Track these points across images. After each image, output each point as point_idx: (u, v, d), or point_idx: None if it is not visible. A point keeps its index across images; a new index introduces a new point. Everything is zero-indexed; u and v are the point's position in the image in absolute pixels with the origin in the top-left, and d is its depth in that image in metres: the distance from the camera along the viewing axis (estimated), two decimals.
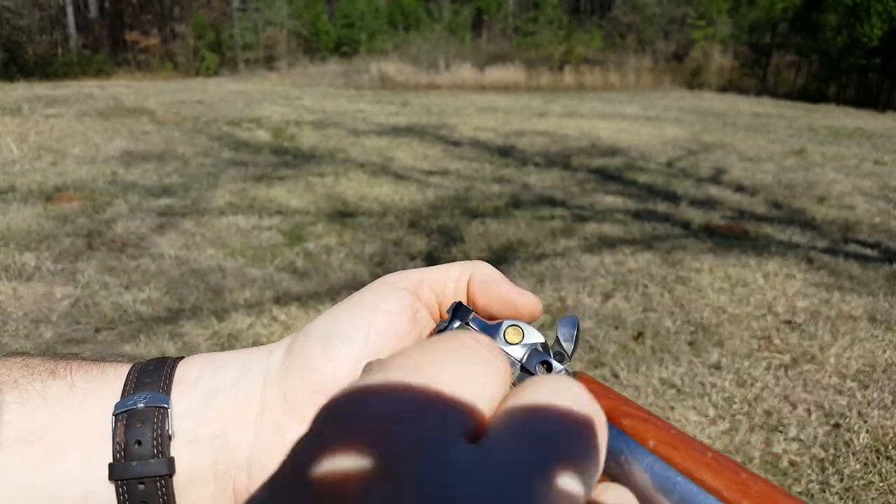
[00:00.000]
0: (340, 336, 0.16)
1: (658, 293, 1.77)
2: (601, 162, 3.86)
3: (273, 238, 2.18)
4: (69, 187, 2.72)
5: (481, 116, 6.08)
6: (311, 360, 0.16)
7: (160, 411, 0.15)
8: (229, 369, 0.16)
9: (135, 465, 0.15)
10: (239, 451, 0.15)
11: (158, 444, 0.15)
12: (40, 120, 4.47)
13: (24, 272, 1.78)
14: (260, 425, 0.15)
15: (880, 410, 1.24)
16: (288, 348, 0.16)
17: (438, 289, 0.17)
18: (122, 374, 0.16)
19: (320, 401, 0.15)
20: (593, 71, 13.37)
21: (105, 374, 0.16)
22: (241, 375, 0.16)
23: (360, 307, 0.16)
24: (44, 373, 0.16)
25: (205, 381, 0.16)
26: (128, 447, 0.15)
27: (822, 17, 12.49)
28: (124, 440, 0.15)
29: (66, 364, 0.16)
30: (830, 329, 1.57)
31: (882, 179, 3.57)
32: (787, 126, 6.32)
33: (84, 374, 0.16)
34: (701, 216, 2.66)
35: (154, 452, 0.15)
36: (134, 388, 0.16)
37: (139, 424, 0.15)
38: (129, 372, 0.16)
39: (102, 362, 0.17)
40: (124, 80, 10.80)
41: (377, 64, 12.59)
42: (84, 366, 0.16)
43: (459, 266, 0.18)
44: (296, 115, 5.58)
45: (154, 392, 0.15)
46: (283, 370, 0.16)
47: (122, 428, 0.15)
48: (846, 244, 2.31)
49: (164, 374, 0.16)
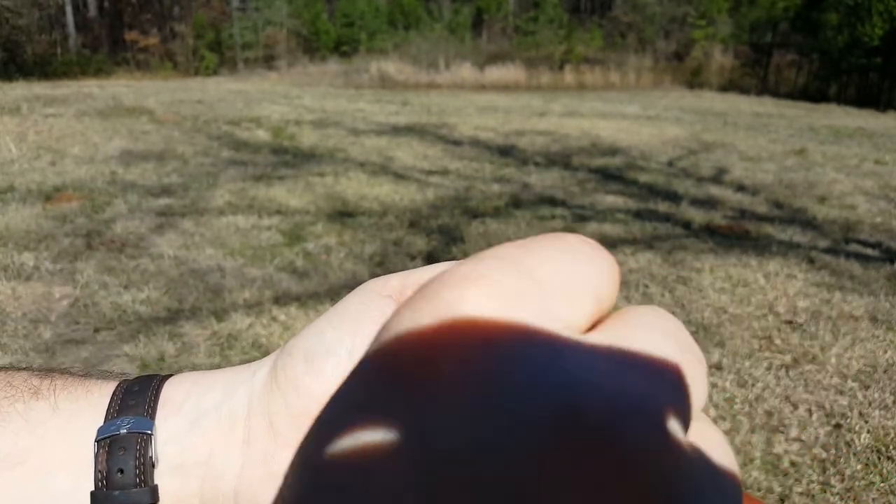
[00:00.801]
0: (323, 351, 0.15)
1: (659, 293, 1.77)
2: (602, 161, 3.86)
3: (272, 238, 2.18)
4: (68, 187, 2.72)
5: (481, 116, 6.08)
6: (296, 379, 0.15)
7: (143, 437, 0.15)
8: (215, 390, 0.16)
9: (117, 494, 0.14)
10: (225, 479, 0.15)
11: (141, 473, 0.14)
12: (39, 119, 4.47)
13: (23, 272, 1.77)
14: (247, 454, 0.15)
15: (881, 411, 1.23)
16: (271, 368, 0.16)
17: None
18: (107, 393, 0.16)
19: (307, 423, 0.14)
20: (594, 70, 13.36)
21: (90, 394, 0.16)
22: (225, 399, 0.15)
23: (342, 318, 0.15)
24: (26, 393, 0.15)
25: (191, 403, 0.15)
26: (110, 475, 0.14)
27: (823, 16, 12.48)
28: (106, 468, 0.14)
29: (51, 383, 0.16)
30: (832, 329, 1.57)
31: (883, 179, 3.57)
32: (787, 126, 6.31)
33: (68, 395, 0.15)
34: (702, 216, 2.65)
35: (137, 482, 0.14)
36: (118, 411, 0.15)
37: (121, 452, 0.14)
38: (114, 391, 0.16)
39: (88, 380, 0.16)
40: (123, 80, 10.80)
41: (377, 63, 12.58)
42: (69, 385, 0.16)
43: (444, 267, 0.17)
44: (295, 114, 5.58)
45: (138, 416, 0.15)
46: (266, 393, 0.15)
47: (104, 455, 0.14)
48: (847, 244, 2.31)
49: (150, 395, 0.15)
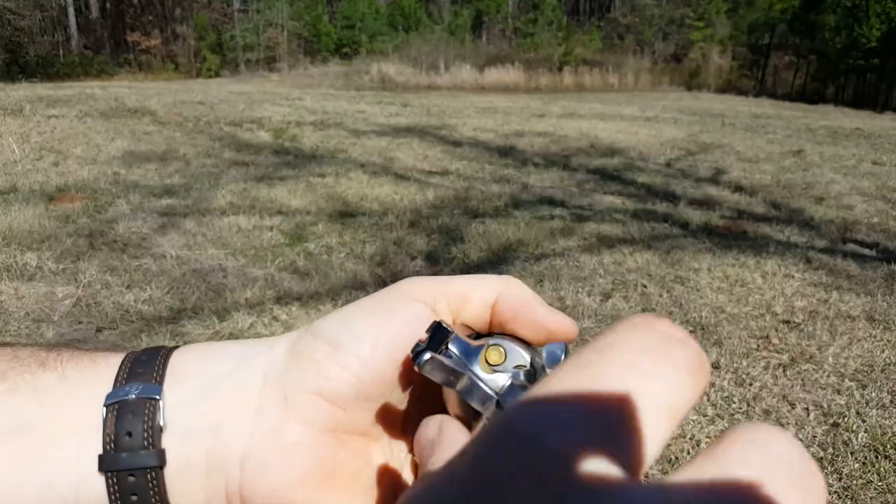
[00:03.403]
0: (349, 341, 0.15)
1: (657, 293, 1.78)
2: (600, 162, 3.87)
3: (274, 238, 2.19)
4: (71, 187, 2.73)
5: (481, 117, 6.09)
6: (317, 362, 0.15)
7: (152, 402, 0.15)
8: (226, 360, 0.16)
9: (124, 456, 0.14)
10: (233, 446, 0.15)
11: (149, 436, 0.14)
12: (42, 120, 4.47)
13: (26, 272, 1.78)
14: (257, 422, 0.15)
15: (879, 410, 1.24)
16: (292, 345, 0.16)
17: (456, 306, 0.16)
18: (115, 363, 0.16)
19: (322, 405, 0.15)
20: (592, 72, 13.40)
21: (97, 364, 0.16)
22: (239, 367, 0.15)
23: (374, 313, 0.15)
24: (33, 364, 0.15)
25: (200, 372, 0.16)
26: (118, 438, 0.14)
27: (821, 17, 12.51)
28: (114, 431, 0.14)
29: (57, 355, 0.16)
30: (829, 329, 1.58)
31: (880, 180, 3.58)
32: (785, 126, 6.33)
33: (75, 365, 0.16)
34: (699, 216, 2.66)
35: (145, 444, 0.14)
36: (126, 379, 0.15)
37: (130, 416, 0.14)
38: (121, 362, 0.16)
39: (94, 352, 0.16)
40: (126, 81, 10.80)
41: (377, 65, 12.61)
42: (75, 356, 0.16)
43: (485, 282, 0.16)
44: (297, 115, 5.59)
45: (146, 383, 0.15)
46: (285, 368, 0.15)
47: (112, 419, 0.14)
48: (844, 244, 2.32)
49: (158, 364, 0.16)
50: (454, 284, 0.16)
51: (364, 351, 0.15)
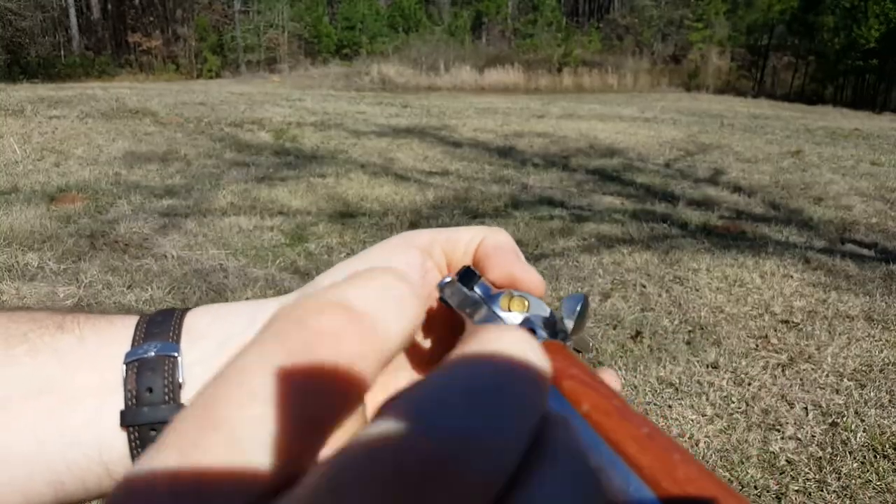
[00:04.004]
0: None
1: (656, 293, 1.79)
2: (599, 163, 3.87)
3: (275, 238, 2.19)
4: (72, 188, 2.73)
5: (481, 118, 6.10)
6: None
7: (171, 359, 0.15)
8: (240, 318, 0.16)
9: (146, 410, 0.14)
10: None
11: (170, 392, 0.15)
12: (43, 121, 4.48)
13: (28, 272, 1.79)
14: None
15: (877, 409, 1.24)
16: (298, 297, 0.15)
17: (449, 249, 0.17)
18: (131, 325, 0.16)
19: None
20: (591, 73, 13.41)
21: (113, 325, 0.16)
22: (251, 324, 0.16)
23: (373, 259, 0.16)
24: (51, 326, 0.16)
25: (215, 329, 0.16)
26: (139, 394, 0.15)
27: (820, 18, 12.53)
28: (135, 387, 0.15)
29: (74, 318, 0.16)
30: (827, 328, 1.58)
31: (879, 180, 3.58)
32: (784, 127, 6.34)
33: (92, 327, 0.16)
34: (698, 216, 2.67)
35: (165, 399, 0.15)
36: (144, 338, 0.16)
37: (150, 373, 0.15)
38: (137, 323, 0.16)
39: (110, 315, 0.17)
40: (127, 82, 10.81)
41: (378, 66, 12.62)
42: (91, 319, 0.16)
43: (474, 230, 0.18)
44: (297, 116, 5.60)
45: (164, 341, 0.15)
46: None
47: (133, 376, 0.15)
48: (843, 244, 2.32)
49: (174, 324, 0.16)
50: (444, 232, 0.18)
51: None
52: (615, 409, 0.10)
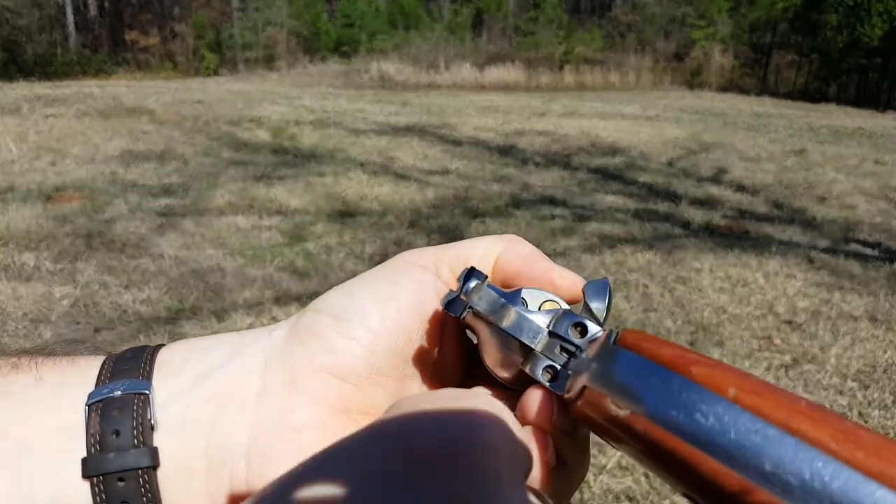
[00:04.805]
0: (356, 311, 0.14)
1: (658, 293, 1.77)
2: (601, 161, 3.86)
3: (273, 238, 2.18)
4: (69, 187, 2.72)
5: (481, 116, 6.08)
6: (323, 336, 0.14)
7: (141, 398, 0.13)
8: (220, 350, 0.15)
9: (112, 456, 0.13)
10: (234, 437, 0.13)
11: (139, 434, 0.13)
12: (40, 119, 4.46)
13: (24, 272, 1.77)
14: (260, 408, 0.14)
15: (881, 410, 1.23)
16: (293, 326, 0.15)
17: (458, 267, 0.16)
18: (96, 364, 0.15)
19: (332, 382, 0.14)
20: (593, 71, 13.37)
21: (76, 365, 0.14)
22: (235, 355, 0.14)
23: (377, 283, 0.15)
24: (5, 367, 0.14)
25: (192, 363, 0.14)
26: (104, 438, 0.13)
27: (823, 16, 12.49)
28: (99, 431, 0.13)
29: (31, 358, 0.15)
30: (831, 329, 1.57)
31: (882, 179, 3.57)
32: (787, 126, 6.32)
33: (52, 367, 0.14)
34: (701, 216, 2.65)
35: (135, 443, 0.13)
36: (110, 377, 0.14)
37: (116, 413, 0.13)
38: (103, 362, 0.15)
39: (72, 356, 0.15)
40: (124, 80, 10.78)
41: (377, 64, 12.59)
42: (51, 359, 0.15)
43: (484, 242, 0.16)
44: (296, 114, 5.58)
45: (133, 379, 0.14)
46: (287, 349, 0.14)
47: (96, 418, 0.13)
48: (847, 244, 2.31)
49: (144, 360, 0.14)
50: (454, 249, 0.16)
51: (373, 321, 0.14)
52: (763, 387, 0.09)
